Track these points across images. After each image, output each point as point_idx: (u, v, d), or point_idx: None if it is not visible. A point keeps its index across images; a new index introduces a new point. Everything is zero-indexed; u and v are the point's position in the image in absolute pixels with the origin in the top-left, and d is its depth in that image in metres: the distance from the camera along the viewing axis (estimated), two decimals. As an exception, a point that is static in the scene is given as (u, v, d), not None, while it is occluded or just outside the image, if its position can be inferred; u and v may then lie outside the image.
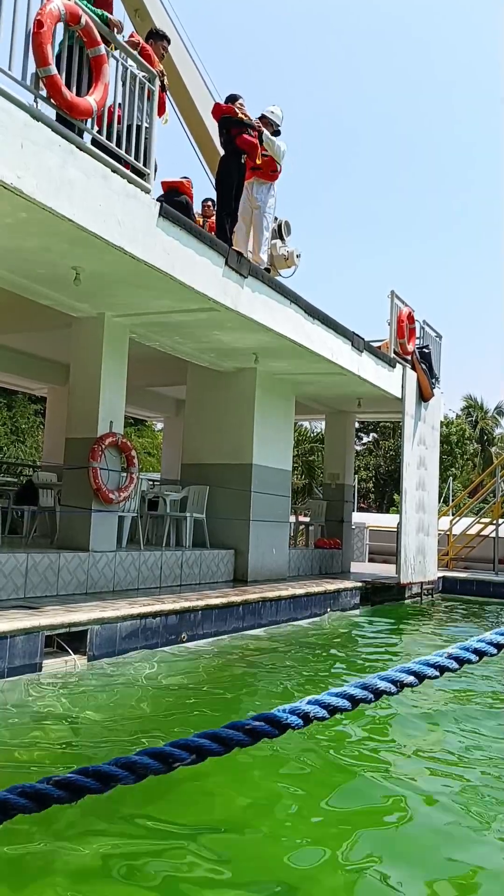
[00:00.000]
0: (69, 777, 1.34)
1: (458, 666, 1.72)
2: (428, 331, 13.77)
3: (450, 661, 1.71)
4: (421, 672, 1.68)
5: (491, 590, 14.36)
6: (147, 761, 1.37)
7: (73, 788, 1.33)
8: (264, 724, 1.48)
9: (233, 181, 8.49)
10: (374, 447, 40.58)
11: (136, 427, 32.55)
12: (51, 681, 5.48)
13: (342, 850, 3.06)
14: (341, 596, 10.78)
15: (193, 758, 1.40)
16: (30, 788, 1.29)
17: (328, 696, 1.56)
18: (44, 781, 1.31)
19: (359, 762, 4.18)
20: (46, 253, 6.44)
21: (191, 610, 7.33)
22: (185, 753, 1.40)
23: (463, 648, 1.74)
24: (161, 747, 1.39)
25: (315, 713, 1.54)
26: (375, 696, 1.61)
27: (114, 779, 1.35)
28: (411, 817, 3.47)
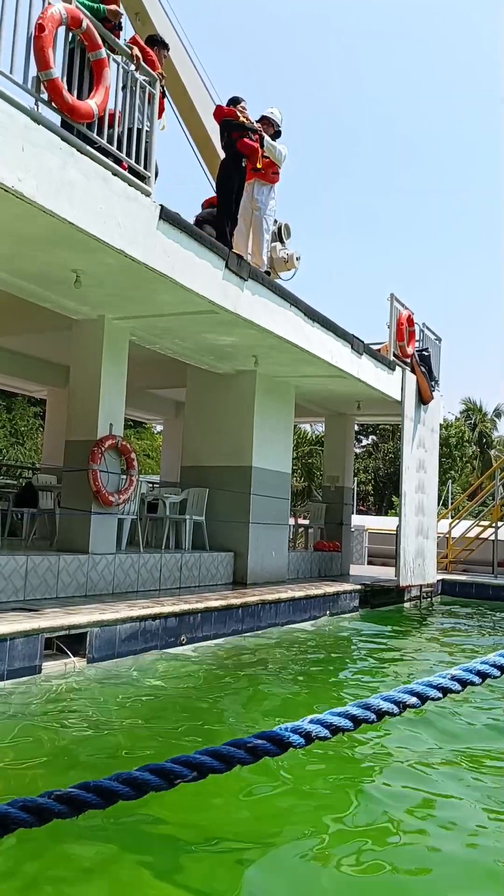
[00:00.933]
0: (70, 792, 1.34)
1: (461, 688, 1.72)
2: (427, 334, 13.79)
3: (452, 683, 1.71)
4: (424, 693, 1.68)
5: (490, 593, 14.36)
6: (148, 777, 1.38)
7: (74, 804, 1.33)
8: (266, 742, 1.49)
9: (233, 184, 8.50)
10: (373, 450, 40.60)
11: (136, 429, 32.55)
12: (50, 683, 5.47)
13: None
14: (340, 599, 10.78)
15: (195, 775, 1.41)
16: (31, 803, 1.29)
17: (330, 716, 1.57)
18: (45, 796, 1.32)
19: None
20: (47, 255, 6.45)
21: (190, 612, 7.33)
22: (186, 770, 1.41)
23: (466, 670, 1.74)
24: (162, 763, 1.40)
25: (317, 732, 1.54)
26: (378, 716, 1.62)
27: (115, 794, 1.36)
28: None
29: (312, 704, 5.56)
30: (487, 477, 19.04)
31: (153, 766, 1.41)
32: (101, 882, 2.75)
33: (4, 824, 1.26)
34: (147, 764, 1.40)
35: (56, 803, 1.32)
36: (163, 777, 1.39)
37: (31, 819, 1.30)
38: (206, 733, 4.65)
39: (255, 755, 1.48)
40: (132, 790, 1.37)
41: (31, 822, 1.30)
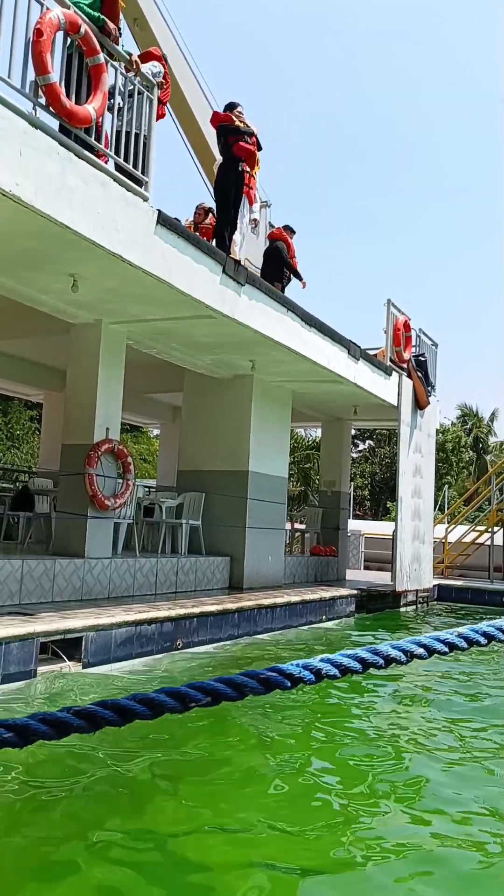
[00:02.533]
0: (89, 708, 1.37)
1: (467, 646, 1.76)
2: (424, 339, 13.83)
3: (459, 640, 1.76)
4: (431, 646, 1.73)
5: (486, 598, 14.37)
6: (164, 699, 1.41)
7: (92, 719, 1.35)
8: (278, 675, 1.52)
9: (230, 189, 8.52)
10: (370, 455, 40.64)
11: (133, 433, 32.55)
12: (44, 688, 5.46)
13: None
14: (336, 603, 10.77)
15: (208, 700, 1.43)
16: (50, 716, 1.32)
17: (341, 657, 1.60)
18: (64, 711, 1.34)
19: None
20: (44, 259, 6.46)
21: (186, 617, 7.32)
22: (200, 695, 1.43)
23: (473, 630, 1.78)
24: (178, 687, 1.42)
25: (327, 671, 1.58)
26: (386, 662, 1.65)
27: (132, 713, 1.38)
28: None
29: (313, 711, 5.56)
30: (483, 482, 19.07)
31: (169, 689, 1.43)
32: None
33: (25, 735, 1.28)
34: (163, 687, 1.41)
35: (75, 718, 1.34)
36: (178, 700, 1.42)
37: (50, 731, 1.32)
38: (202, 739, 4.64)
39: (266, 686, 1.50)
40: (148, 710, 1.39)
41: (51, 735, 1.33)
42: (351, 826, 3.40)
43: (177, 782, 3.82)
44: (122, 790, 3.69)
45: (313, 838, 3.21)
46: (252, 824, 3.34)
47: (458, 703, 6.01)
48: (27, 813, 3.38)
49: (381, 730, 5.08)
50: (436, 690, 6.45)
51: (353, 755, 4.51)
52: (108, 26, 6.13)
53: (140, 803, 3.51)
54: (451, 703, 5.96)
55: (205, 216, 10.03)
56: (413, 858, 3.09)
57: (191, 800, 3.62)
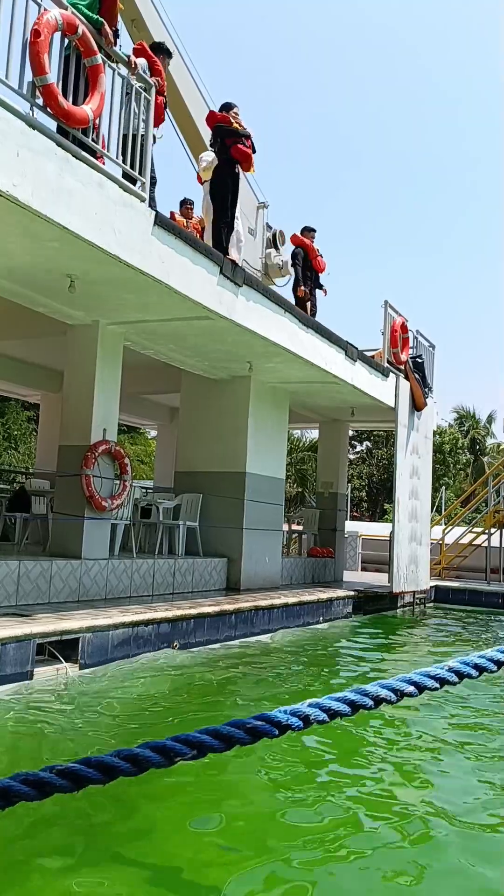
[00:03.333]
0: (71, 766, 1.35)
1: (458, 679, 1.73)
2: (421, 341, 13.84)
3: (450, 675, 1.73)
4: (421, 683, 1.70)
5: (483, 599, 14.38)
6: (149, 754, 1.39)
7: (75, 778, 1.34)
8: (265, 723, 1.50)
9: (228, 190, 8.53)
10: (367, 456, 40.64)
11: (130, 434, 32.52)
12: (42, 689, 5.45)
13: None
14: (334, 605, 10.77)
15: (194, 753, 1.41)
16: (32, 776, 1.30)
17: (329, 700, 1.58)
18: (47, 770, 1.33)
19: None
20: (41, 260, 6.45)
21: (183, 618, 7.32)
22: (186, 748, 1.41)
23: (464, 663, 1.76)
24: (163, 741, 1.40)
25: (315, 716, 1.56)
26: (375, 703, 1.63)
27: (116, 770, 1.37)
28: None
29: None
30: (480, 484, 19.09)
31: (154, 743, 1.41)
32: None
33: (6, 797, 1.27)
34: (147, 741, 1.40)
35: (57, 777, 1.33)
36: (163, 755, 1.40)
37: (32, 793, 1.30)
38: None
39: (254, 735, 1.49)
40: (133, 766, 1.38)
41: (33, 796, 1.31)
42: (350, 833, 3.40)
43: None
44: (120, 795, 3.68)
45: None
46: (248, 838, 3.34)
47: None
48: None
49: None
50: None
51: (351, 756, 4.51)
52: (105, 27, 6.14)
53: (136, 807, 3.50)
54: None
55: (193, 212, 10.14)
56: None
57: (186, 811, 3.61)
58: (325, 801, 3.70)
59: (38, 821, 3.14)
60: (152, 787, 3.57)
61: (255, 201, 11.92)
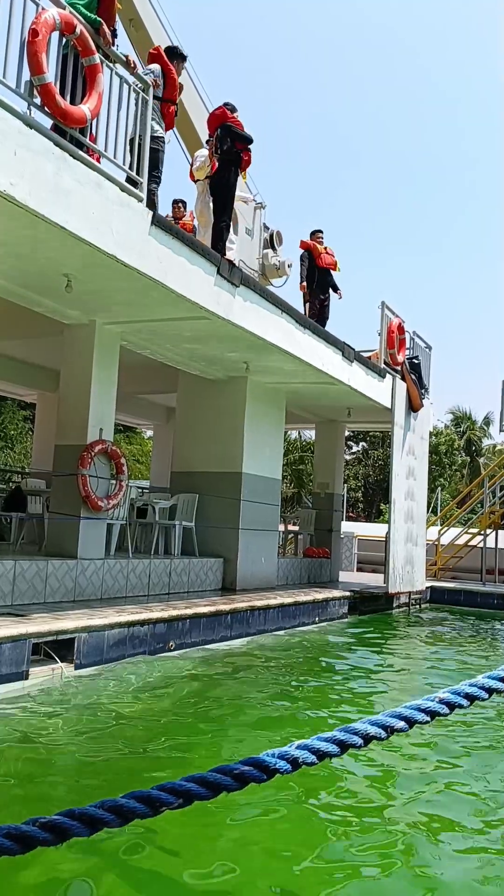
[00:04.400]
0: (55, 819, 1.35)
1: (449, 711, 1.72)
2: (418, 341, 13.86)
3: (440, 707, 1.71)
4: (412, 717, 1.68)
5: (478, 600, 14.41)
6: (134, 805, 1.39)
7: (58, 831, 1.34)
8: (252, 768, 1.49)
9: (228, 191, 8.51)
10: (363, 457, 40.68)
11: (126, 434, 32.50)
12: (37, 689, 5.44)
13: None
14: (329, 605, 10.78)
15: (180, 802, 1.42)
16: (14, 830, 1.31)
17: (317, 741, 1.57)
18: (29, 823, 1.33)
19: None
20: (38, 260, 6.44)
21: (179, 618, 7.31)
22: (171, 797, 1.41)
23: (454, 693, 1.74)
24: (148, 791, 1.41)
25: (304, 758, 1.54)
26: (365, 741, 1.61)
27: (100, 822, 1.37)
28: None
29: (298, 715, 5.55)
30: (476, 485, 19.12)
31: (138, 793, 1.41)
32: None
33: None
34: (132, 791, 1.41)
35: (40, 831, 1.33)
36: (148, 804, 1.40)
37: (14, 847, 1.31)
38: (190, 743, 4.63)
39: (241, 781, 1.48)
40: (117, 818, 1.38)
41: (15, 850, 1.31)
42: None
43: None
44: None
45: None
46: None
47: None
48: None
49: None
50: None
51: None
52: (104, 27, 6.13)
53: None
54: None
55: (184, 209, 10.15)
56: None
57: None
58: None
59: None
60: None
61: (253, 202, 11.92)
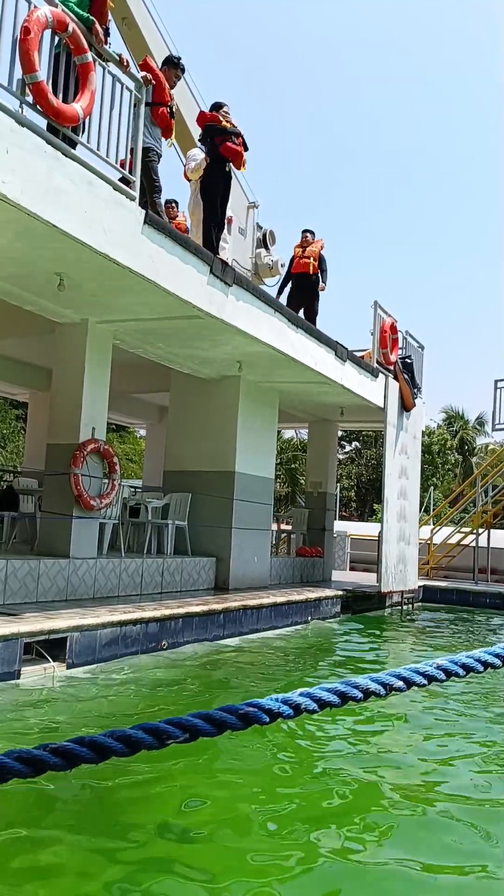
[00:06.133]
0: (65, 745, 1.40)
1: (446, 677, 1.78)
2: (410, 341, 13.89)
3: (438, 672, 1.78)
4: (410, 678, 1.75)
5: (470, 599, 14.46)
6: (141, 735, 1.44)
7: (68, 756, 1.39)
8: (257, 710, 1.54)
9: (218, 190, 8.52)
10: (356, 456, 40.78)
11: (119, 433, 32.47)
12: (29, 688, 5.43)
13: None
14: (322, 604, 10.80)
15: (186, 736, 1.46)
16: (26, 754, 1.35)
17: (319, 691, 1.63)
18: (40, 748, 1.37)
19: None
20: (30, 258, 6.43)
21: (171, 617, 7.32)
22: (178, 731, 1.46)
23: (452, 662, 1.80)
24: (156, 723, 1.45)
25: (306, 705, 1.61)
26: (364, 695, 1.68)
27: (109, 750, 1.41)
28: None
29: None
30: (469, 484, 19.19)
31: (146, 725, 1.46)
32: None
33: (1, 774, 1.32)
34: (140, 723, 1.45)
35: (51, 755, 1.37)
36: (155, 736, 1.45)
37: (25, 769, 1.35)
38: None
39: (245, 721, 1.53)
40: (125, 747, 1.42)
41: (26, 773, 1.35)
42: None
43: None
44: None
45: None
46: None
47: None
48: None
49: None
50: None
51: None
52: (96, 26, 6.12)
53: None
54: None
55: (177, 209, 10.13)
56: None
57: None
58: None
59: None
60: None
61: (246, 201, 11.93)
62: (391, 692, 1.72)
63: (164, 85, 7.46)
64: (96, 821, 3.33)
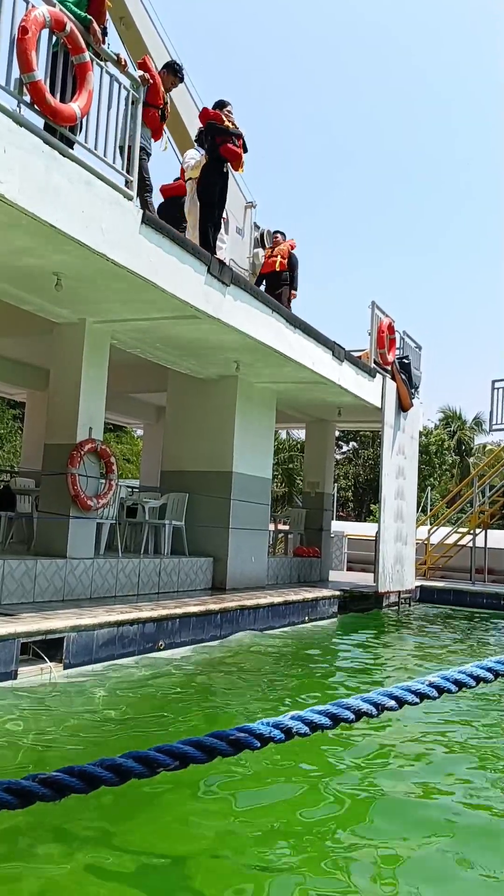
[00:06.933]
0: (54, 776, 1.37)
1: (438, 695, 1.76)
2: (408, 341, 13.90)
3: (430, 689, 1.76)
4: (402, 697, 1.72)
5: (467, 599, 14.47)
6: (132, 765, 1.41)
7: (57, 787, 1.36)
8: (248, 735, 1.52)
9: (216, 189, 8.50)
10: (353, 456, 40.78)
11: (116, 433, 32.43)
12: (26, 689, 5.42)
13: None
14: (319, 604, 10.80)
15: (177, 764, 1.43)
16: (15, 785, 1.32)
17: (310, 714, 1.60)
18: (29, 779, 1.34)
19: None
20: (28, 258, 6.41)
21: (168, 618, 7.31)
22: (168, 759, 1.44)
23: (444, 678, 1.78)
24: (146, 752, 1.42)
25: (297, 728, 1.58)
26: (356, 716, 1.65)
27: (98, 780, 1.39)
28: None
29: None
30: (466, 484, 19.21)
31: (136, 753, 1.43)
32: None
33: None
34: (130, 752, 1.42)
35: (40, 786, 1.34)
36: (145, 765, 1.42)
37: (14, 801, 1.32)
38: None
39: (236, 747, 1.51)
40: (115, 776, 1.40)
41: (14, 805, 1.33)
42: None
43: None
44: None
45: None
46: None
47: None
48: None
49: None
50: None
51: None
52: (94, 25, 6.11)
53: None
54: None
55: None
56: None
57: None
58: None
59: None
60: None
61: (244, 201, 11.92)
62: (383, 711, 1.70)
63: (160, 87, 7.45)
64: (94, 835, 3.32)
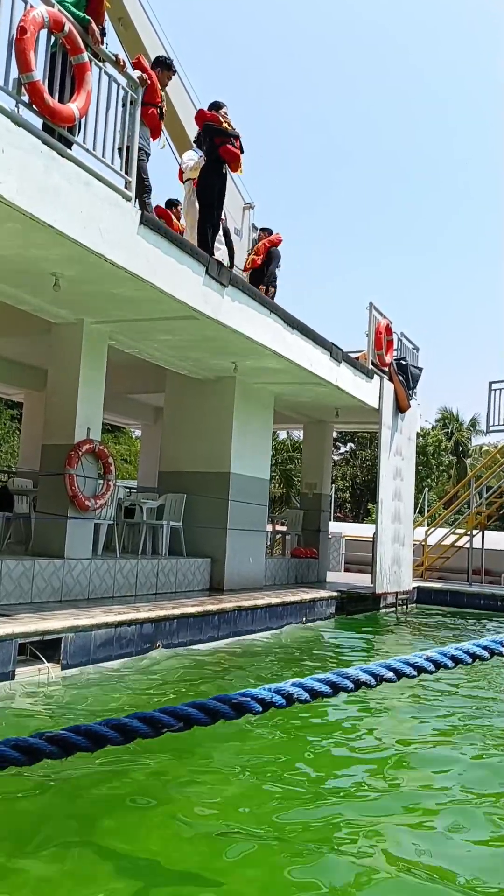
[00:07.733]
0: (61, 734, 1.39)
1: (435, 669, 1.79)
2: (405, 343, 13.91)
3: (427, 664, 1.79)
4: (400, 670, 1.75)
5: (465, 600, 14.48)
6: (136, 724, 1.43)
7: (63, 745, 1.37)
8: (250, 699, 1.54)
9: (214, 191, 8.50)
10: (351, 457, 40.80)
11: (114, 434, 32.42)
12: (23, 689, 5.41)
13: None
14: (317, 605, 10.80)
15: (181, 725, 1.45)
16: (22, 742, 1.34)
17: (311, 681, 1.63)
18: (36, 736, 1.35)
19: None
20: (26, 258, 6.41)
21: (166, 618, 7.31)
22: (173, 720, 1.45)
23: (441, 654, 1.81)
24: (151, 712, 1.43)
25: (298, 695, 1.61)
26: (355, 685, 1.68)
27: (104, 739, 1.40)
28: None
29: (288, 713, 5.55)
30: (463, 485, 19.23)
31: (142, 714, 1.44)
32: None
33: None
34: (136, 712, 1.43)
35: (47, 744, 1.35)
36: (150, 725, 1.44)
37: (22, 758, 1.33)
38: (177, 744, 4.63)
39: (238, 710, 1.53)
40: (120, 735, 1.41)
41: (23, 761, 1.34)
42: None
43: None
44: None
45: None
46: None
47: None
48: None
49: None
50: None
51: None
52: (92, 26, 6.11)
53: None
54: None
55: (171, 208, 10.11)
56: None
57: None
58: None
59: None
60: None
61: (242, 202, 11.93)
62: (381, 682, 1.72)
63: (157, 85, 7.45)
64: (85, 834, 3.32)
